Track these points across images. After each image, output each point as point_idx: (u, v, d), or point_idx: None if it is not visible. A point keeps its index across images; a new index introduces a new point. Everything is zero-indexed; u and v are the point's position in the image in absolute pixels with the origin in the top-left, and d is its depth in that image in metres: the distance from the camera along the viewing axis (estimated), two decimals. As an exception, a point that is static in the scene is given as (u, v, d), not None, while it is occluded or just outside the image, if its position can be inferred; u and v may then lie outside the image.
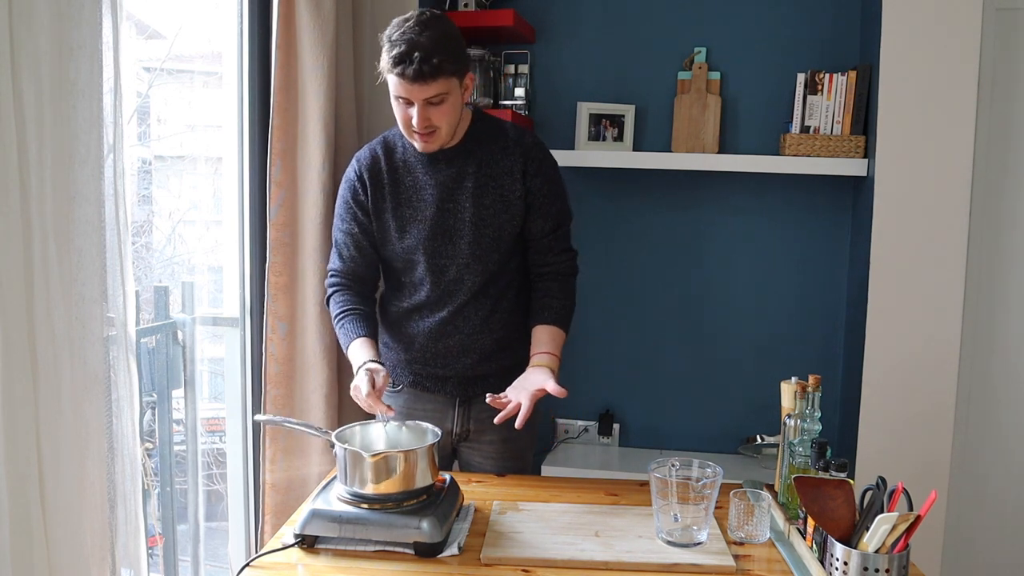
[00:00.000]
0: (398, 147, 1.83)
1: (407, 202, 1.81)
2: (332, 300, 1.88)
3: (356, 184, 1.83)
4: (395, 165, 1.82)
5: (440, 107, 1.67)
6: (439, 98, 1.66)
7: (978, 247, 2.43)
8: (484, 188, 1.79)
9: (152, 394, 2.18)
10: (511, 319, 1.88)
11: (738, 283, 2.74)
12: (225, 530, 2.34)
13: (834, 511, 1.34)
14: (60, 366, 1.28)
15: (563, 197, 1.87)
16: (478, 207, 1.78)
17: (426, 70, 1.60)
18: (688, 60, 2.66)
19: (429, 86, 1.63)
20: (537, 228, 1.84)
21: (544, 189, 1.82)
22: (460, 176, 1.79)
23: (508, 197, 1.80)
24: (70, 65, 1.28)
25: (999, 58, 2.38)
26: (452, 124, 1.73)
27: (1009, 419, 2.48)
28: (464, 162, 1.79)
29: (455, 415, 1.91)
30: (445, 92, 1.66)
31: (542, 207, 1.82)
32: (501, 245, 1.81)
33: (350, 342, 1.78)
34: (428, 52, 1.60)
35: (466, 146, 1.80)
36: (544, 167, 1.83)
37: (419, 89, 1.63)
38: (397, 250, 1.83)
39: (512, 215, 1.81)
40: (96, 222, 1.35)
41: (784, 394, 1.65)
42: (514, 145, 1.81)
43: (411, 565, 1.42)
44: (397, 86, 1.66)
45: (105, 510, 1.40)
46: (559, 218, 1.86)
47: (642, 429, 2.84)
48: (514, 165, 1.80)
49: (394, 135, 1.85)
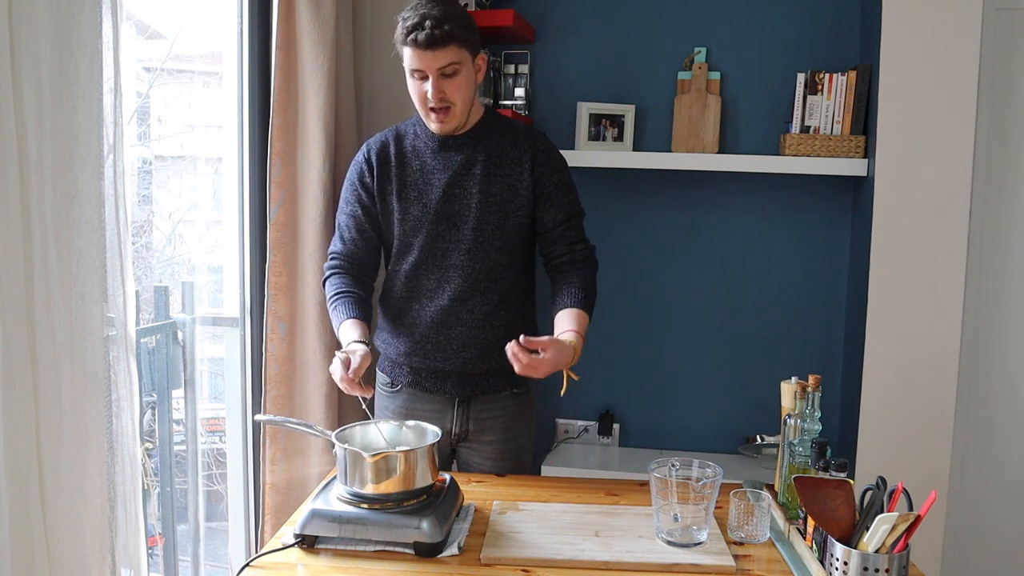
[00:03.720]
0: (409, 135, 1.87)
1: (413, 185, 1.83)
2: (328, 282, 1.89)
3: (363, 166, 1.86)
4: (404, 150, 1.85)
5: (454, 80, 1.71)
6: (452, 68, 1.70)
7: (978, 247, 2.43)
8: (492, 176, 1.81)
9: (152, 394, 2.18)
10: (515, 319, 1.88)
11: (738, 283, 2.74)
12: (225, 530, 2.34)
13: (834, 511, 1.34)
14: (60, 366, 1.28)
15: (573, 190, 1.90)
16: (484, 194, 1.81)
17: (437, 35, 1.65)
18: (688, 60, 2.66)
19: (441, 53, 1.67)
20: (549, 218, 1.85)
21: (554, 180, 1.84)
22: (469, 163, 1.82)
23: (515, 186, 1.82)
24: (70, 65, 1.28)
25: (999, 58, 2.38)
26: (466, 102, 1.76)
27: (1009, 419, 2.48)
28: (474, 150, 1.82)
29: (454, 415, 1.91)
30: (458, 62, 1.70)
31: (552, 196, 1.84)
32: (504, 234, 1.83)
33: (339, 323, 1.80)
34: (439, 19, 1.66)
35: (477, 135, 1.83)
36: (552, 160, 1.86)
37: (432, 57, 1.67)
38: (398, 232, 1.84)
39: (518, 204, 1.82)
40: (96, 222, 1.35)
41: (784, 394, 1.66)
42: (524, 138, 1.85)
43: (411, 565, 1.42)
44: (411, 57, 1.70)
45: (105, 510, 1.40)
46: (571, 208, 1.87)
47: (642, 429, 2.84)
48: (523, 156, 1.83)
49: (407, 125, 1.89)
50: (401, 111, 2.45)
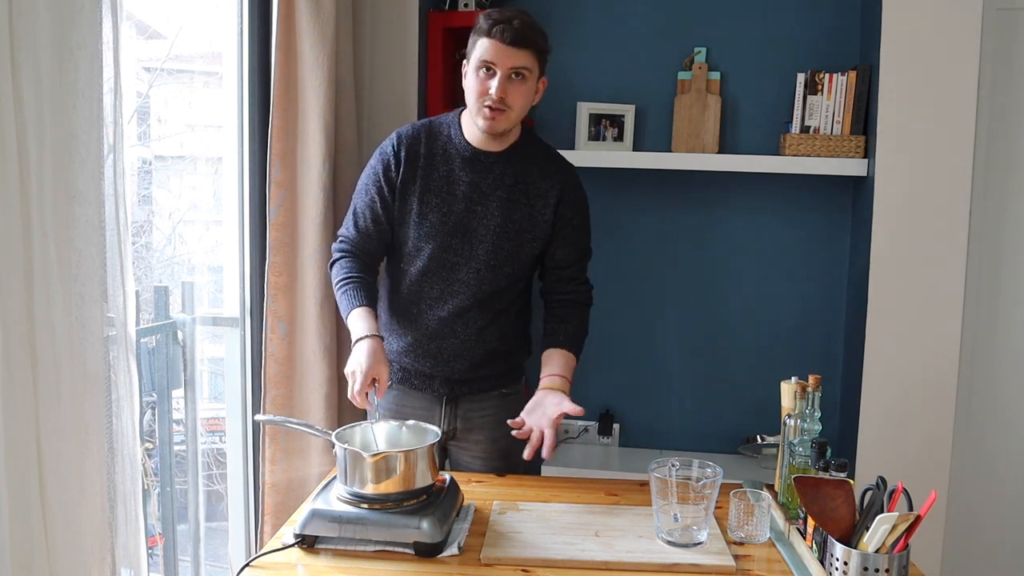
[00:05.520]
0: (443, 135, 1.84)
1: (436, 190, 1.81)
2: (338, 264, 1.86)
3: (391, 159, 1.82)
4: (434, 151, 1.82)
5: (519, 85, 1.72)
6: (523, 72, 1.71)
7: (978, 247, 2.43)
8: (516, 202, 1.81)
9: (152, 394, 2.18)
10: (505, 333, 1.90)
11: (738, 283, 2.74)
12: (225, 530, 2.34)
13: (834, 511, 1.34)
14: (60, 366, 1.28)
15: (589, 232, 1.91)
16: (505, 219, 1.80)
17: (523, 35, 1.68)
18: (688, 60, 2.66)
19: (520, 54, 1.69)
20: (562, 256, 1.87)
21: (575, 221, 1.86)
22: (496, 183, 1.80)
23: (536, 218, 1.82)
24: (70, 65, 1.28)
25: (999, 58, 2.38)
26: (522, 109, 1.76)
27: (1009, 419, 2.48)
28: (503, 171, 1.81)
29: (442, 413, 1.92)
30: (529, 68, 1.71)
31: (569, 237, 1.86)
32: (516, 261, 1.83)
33: (352, 309, 1.77)
34: (527, 24, 1.70)
35: (509, 156, 1.82)
36: (578, 199, 1.87)
37: (510, 54, 1.68)
38: (411, 234, 1.83)
39: (535, 236, 1.83)
40: (96, 222, 1.35)
41: (784, 394, 1.66)
42: (556, 172, 1.85)
43: (411, 565, 1.42)
44: (488, 49, 1.70)
45: (105, 510, 1.40)
46: (583, 251, 1.91)
47: (642, 429, 2.84)
48: (550, 190, 1.83)
49: (442, 123, 1.86)
50: (401, 111, 2.45)
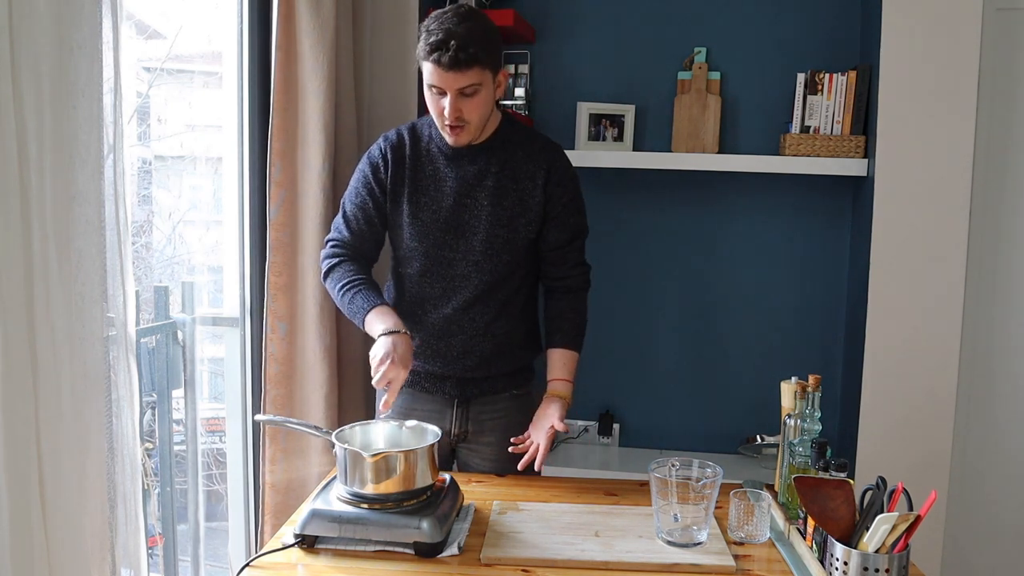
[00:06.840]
0: (425, 136, 1.84)
1: (424, 190, 1.81)
2: (338, 268, 1.84)
3: (379, 162, 1.83)
4: (419, 152, 1.83)
5: (472, 99, 1.69)
6: (472, 89, 1.67)
7: (978, 247, 2.43)
8: (504, 189, 1.80)
9: (152, 394, 2.18)
10: (515, 326, 1.89)
11: (738, 283, 2.74)
12: (225, 530, 2.34)
13: (834, 511, 1.34)
14: (60, 366, 1.28)
15: (582, 211, 1.89)
16: (495, 207, 1.80)
17: (461, 58, 1.62)
18: (688, 60, 2.66)
19: (463, 75, 1.65)
20: (553, 238, 1.85)
21: (564, 200, 1.83)
22: (481, 174, 1.80)
23: (527, 202, 1.81)
24: (70, 65, 1.28)
25: (999, 58, 2.38)
26: (482, 118, 1.74)
27: (1009, 419, 2.48)
28: (487, 161, 1.80)
29: (453, 415, 1.91)
30: (478, 84, 1.67)
31: (560, 217, 1.84)
32: (513, 248, 1.82)
33: (370, 308, 1.74)
34: (464, 41, 1.62)
35: (491, 145, 1.81)
36: (566, 179, 1.84)
37: (453, 78, 1.65)
38: (405, 235, 1.83)
39: (529, 220, 1.82)
40: (96, 222, 1.35)
41: (784, 394, 1.66)
42: (540, 152, 1.83)
43: (411, 565, 1.42)
44: (432, 74, 1.67)
45: (105, 510, 1.40)
46: (575, 231, 1.88)
47: (642, 429, 2.84)
48: (537, 172, 1.81)
49: (423, 123, 1.86)
50: (401, 111, 2.45)
